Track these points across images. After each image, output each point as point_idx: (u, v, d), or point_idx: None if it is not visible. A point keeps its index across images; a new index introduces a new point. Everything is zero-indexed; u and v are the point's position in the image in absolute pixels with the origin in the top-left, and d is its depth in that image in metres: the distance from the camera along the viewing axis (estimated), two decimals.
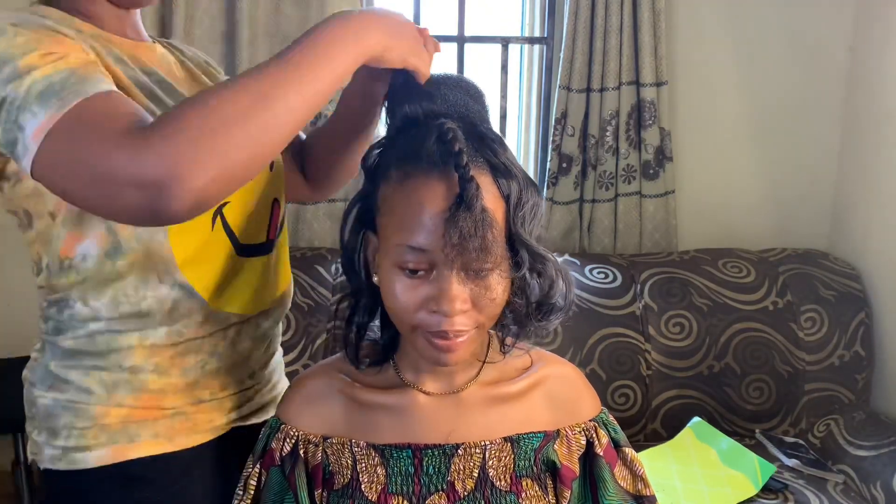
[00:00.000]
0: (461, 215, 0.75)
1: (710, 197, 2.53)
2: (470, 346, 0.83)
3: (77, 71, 0.77)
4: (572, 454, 0.90)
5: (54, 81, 0.75)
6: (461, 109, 0.86)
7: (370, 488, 0.87)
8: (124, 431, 0.94)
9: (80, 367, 0.94)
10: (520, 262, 0.81)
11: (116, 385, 0.93)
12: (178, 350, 0.95)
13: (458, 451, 0.86)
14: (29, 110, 0.75)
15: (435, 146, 0.80)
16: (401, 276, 0.80)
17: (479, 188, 0.76)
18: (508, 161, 0.82)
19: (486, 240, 0.75)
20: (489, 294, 0.80)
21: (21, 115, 0.75)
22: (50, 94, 0.75)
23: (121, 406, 0.94)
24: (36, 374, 0.99)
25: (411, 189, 0.80)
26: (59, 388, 0.95)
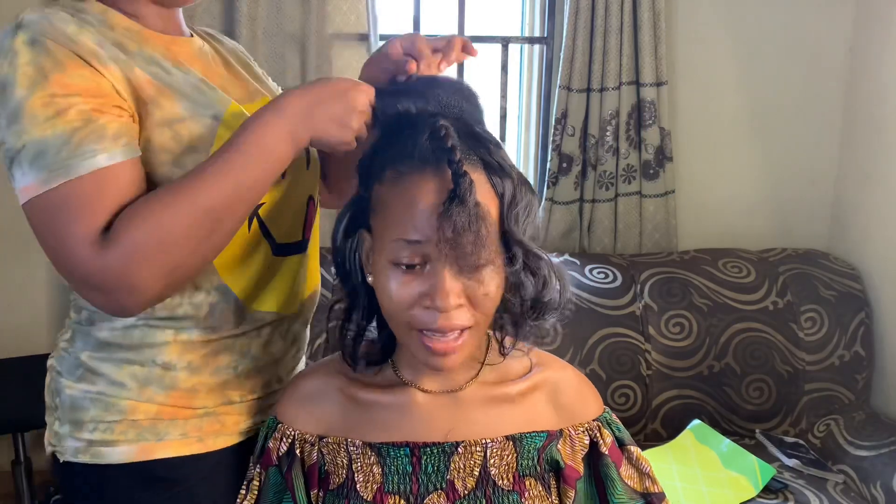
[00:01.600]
0: (455, 209, 0.75)
1: (710, 197, 2.53)
2: (465, 350, 0.83)
3: (73, 136, 0.80)
4: (576, 454, 0.90)
5: (48, 147, 0.79)
6: (455, 111, 0.86)
7: (366, 487, 0.86)
8: (153, 429, 0.93)
9: (113, 360, 0.93)
10: (513, 259, 0.81)
11: (148, 380, 0.93)
12: (212, 348, 0.95)
13: (458, 449, 0.86)
14: (20, 167, 0.81)
15: (428, 143, 0.80)
16: (395, 273, 0.80)
17: (472, 182, 0.77)
18: (502, 160, 0.83)
19: (479, 234, 0.76)
20: (483, 289, 0.80)
21: (14, 167, 0.82)
22: (41, 162, 0.80)
23: (151, 402, 0.93)
24: (64, 364, 0.97)
25: (405, 186, 0.80)
26: (89, 380, 0.94)
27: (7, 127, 0.81)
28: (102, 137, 0.81)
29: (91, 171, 0.80)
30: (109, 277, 0.80)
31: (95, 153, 0.80)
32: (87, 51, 0.84)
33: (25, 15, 0.84)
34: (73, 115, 0.80)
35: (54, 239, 0.82)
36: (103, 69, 0.84)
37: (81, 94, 0.81)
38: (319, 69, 2.21)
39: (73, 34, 0.84)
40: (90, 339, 0.95)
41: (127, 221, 0.80)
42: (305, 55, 2.22)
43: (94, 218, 0.80)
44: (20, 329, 2.39)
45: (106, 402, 0.93)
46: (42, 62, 0.81)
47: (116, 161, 0.82)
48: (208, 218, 0.82)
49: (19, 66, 0.81)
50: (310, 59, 2.20)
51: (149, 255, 0.80)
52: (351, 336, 0.89)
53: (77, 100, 0.81)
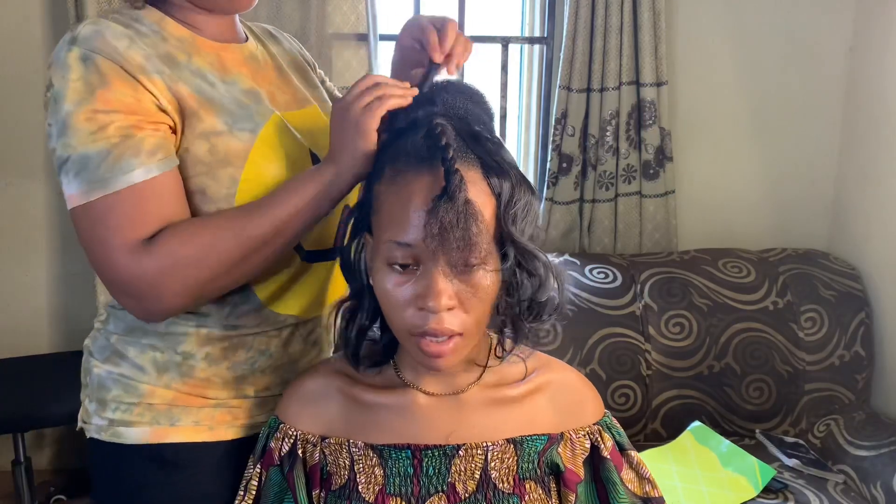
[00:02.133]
0: (443, 206, 0.75)
1: (710, 197, 2.53)
2: (462, 352, 0.83)
3: (112, 151, 0.85)
4: (576, 457, 0.90)
5: (90, 160, 0.85)
6: (460, 112, 0.86)
7: (368, 489, 0.86)
8: (167, 413, 0.97)
9: (139, 345, 0.98)
10: (508, 259, 0.81)
11: (167, 367, 0.97)
12: (231, 343, 0.98)
13: (459, 451, 0.86)
14: (66, 176, 0.87)
15: (423, 141, 0.80)
16: (390, 274, 0.80)
17: (463, 180, 0.76)
18: (502, 160, 0.82)
19: (468, 231, 0.75)
20: (475, 291, 0.79)
21: (62, 174, 0.88)
22: (83, 174, 0.86)
23: (168, 388, 0.97)
24: (96, 344, 1.02)
25: (400, 185, 0.80)
26: (114, 362, 0.99)
27: (57, 137, 0.87)
28: (139, 152, 0.86)
29: (128, 186, 0.86)
30: (142, 285, 0.87)
31: (133, 168, 0.86)
32: (135, 66, 0.88)
33: (83, 28, 0.88)
34: (112, 130, 0.85)
35: (96, 245, 0.87)
36: (148, 83, 0.88)
37: (122, 111, 0.86)
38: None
39: (123, 50, 0.88)
40: (121, 323, 0.99)
41: (170, 235, 0.87)
42: None
43: (132, 229, 0.86)
44: (20, 329, 2.39)
45: (127, 383, 0.98)
46: (90, 78, 0.86)
47: (153, 175, 0.87)
48: (247, 244, 0.88)
49: (70, 81, 0.86)
50: None
51: (183, 269, 0.86)
52: (353, 335, 0.89)
53: (118, 116, 0.86)
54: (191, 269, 0.86)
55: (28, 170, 2.31)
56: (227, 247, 0.87)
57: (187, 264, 0.86)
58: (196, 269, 0.87)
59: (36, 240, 2.37)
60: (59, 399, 2.06)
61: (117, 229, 0.86)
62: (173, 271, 0.86)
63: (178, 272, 0.86)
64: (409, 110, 0.87)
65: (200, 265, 0.87)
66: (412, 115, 0.86)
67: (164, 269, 0.85)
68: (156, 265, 0.85)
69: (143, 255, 0.85)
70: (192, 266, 0.86)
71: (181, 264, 0.86)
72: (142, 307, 0.89)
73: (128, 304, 0.90)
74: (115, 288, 0.89)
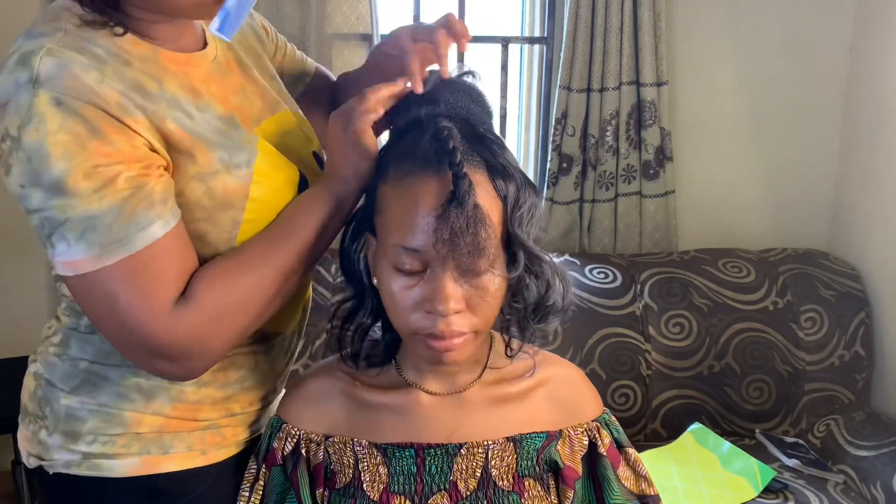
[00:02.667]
0: (453, 212, 0.75)
1: (710, 197, 2.53)
2: (468, 348, 0.83)
3: (125, 207, 0.76)
4: (575, 454, 0.90)
5: (98, 221, 0.75)
6: (462, 112, 0.86)
7: (372, 487, 0.87)
8: (157, 442, 0.90)
9: (119, 370, 0.89)
10: (516, 262, 0.81)
11: (153, 392, 0.90)
12: (221, 364, 0.91)
13: (461, 450, 0.86)
14: (63, 238, 0.76)
15: (429, 144, 0.80)
16: (397, 277, 0.80)
17: (471, 185, 0.76)
18: (507, 162, 0.82)
19: (478, 236, 0.75)
20: (483, 295, 0.79)
21: (54, 236, 0.77)
22: (91, 236, 0.76)
23: (157, 415, 0.90)
24: (56, 372, 0.92)
25: (406, 188, 0.80)
26: (88, 391, 0.90)
27: (47, 199, 0.75)
28: (153, 203, 0.78)
29: (151, 243, 0.78)
30: (185, 344, 0.80)
31: (151, 222, 0.78)
32: (115, 105, 0.77)
33: (40, 63, 0.75)
34: (121, 183, 0.76)
35: (117, 311, 0.79)
36: (133, 123, 0.78)
37: (124, 161, 0.77)
38: None
39: (95, 85, 0.76)
40: (90, 348, 0.91)
41: (208, 286, 0.81)
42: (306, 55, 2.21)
43: (163, 288, 0.79)
44: (20, 329, 2.39)
45: (107, 413, 0.89)
46: (75, 129, 0.75)
47: (171, 227, 0.80)
48: (281, 277, 0.86)
49: (50, 134, 0.74)
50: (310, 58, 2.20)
51: (230, 317, 0.82)
52: (354, 335, 0.89)
53: (121, 167, 0.76)
54: (238, 314, 0.83)
55: None
56: (268, 284, 0.84)
57: (235, 310, 0.82)
58: (242, 314, 0.83)
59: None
60: None
61: (146, 292, 0.78)
62: (221, 321, 0.81)
63: (225, 321, 0.82)
64: (411, 109, 0.86)
65: (247, 308, 0.83)
66: (415, 114, 0.85)
67: (213, 321, 0.81)
68: (204, 319, 0.80)
69: (184, 313, 0.79)
70: (238, 312, 0.83)
71: (228, 312, 0.82)
72: (184, 367, 0.83)
73: (163, 368, 0.83)
74: (149, 354, 0.81)
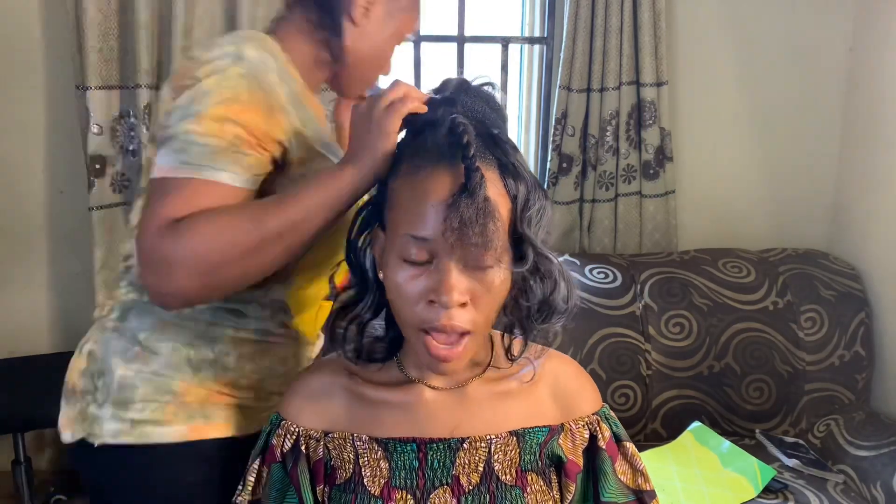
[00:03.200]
0: (463, 202, 0.76)
1: (710, 197, 2.53)
2: (466, 355, 0.84)
3: (216, 150, 0.91)
4: (577, 448, 0.91)
5: (194, 146, 0.91)
6: (478, 115, 0.87)
7: (373, 482, 0.87)
8: (202, 411, 0.99)
9: (172, 342, 0.99)
10: (524, 261, 0.82)
11: (201, 365, 1.00)
12: (261, 348, 1.03)
13: (464, 445, 0.87)
14: (166, 148, 0.92)
15: (444, 139, 0.81)
16: (404, 268, 0.81)
17: (483, 178, 0.77)
18: (518, 163, 0.83)
19: (486, 228, 0.76)
20: (488, 288, 0.80)
21: (162, 146, 0.93)
22: (182, 154, 0.91)
23: (201, 386, 1.00)
24: (113, 344, 1.01)
25: (419, 180, 0.81)
26: (143, 360, 0.99)
27: (179, 119, 0.92)
28: (238, 163, 0.92)
29: (209, 180, 0.90)
30: (156, 257, 0.88)
31: (226, 169, 0.91)
32: (278, 102, 0.96)
33: (247, 48, 0.97)
34: (228, 136, 0.91)
35: (146, 214, 0.90)
36: (283, 119, 0.96)
37: (246, 129, 0.93)
38: None
39: (274, 84, 0.97)
40: (149, 319, 1.00)
41: (193, 219, 0.88)
42: None
43: (178, 209, 0.88)
44: (20, 329, 2.39)
45: (158, 382, 0.98)
46: (239, 94, 0.93)
47: (236, 185, 0.92)
48: (261, 237, 0.89)
49: (223, 88, 0.93)
50: None
51: (194, 248, 0.87)
52: (354, 331, 0.90)
53: (239, 129, 0.92)
54: (201, 247, 0.87)
55: (28, 170, 2.31)
56: (241, 232, 0.88)
57: (200, 242, 0.87)
58: (207, 250, 0.87)
59: (36, 240, 2.37)
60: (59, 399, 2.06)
61: (168, 205, 0.88)
62: (184, 251, 0.86)
63: (190, 253, 0.86)
64: (430, 110, 0.88)
65: (212, 247, 0.87)
66: (431, 115, 0.87)
67: (179, 248, 0.86)
68: (171, 240, 0.87)
69: (167, 230, 0.87)
70: (203, 245, 0.87)
71: (195, 246, 0.87)
72: (155, 283, 0.89)
73: (147, 279, 0.90)
74: (140, 257, 0.90)
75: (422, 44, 2.37)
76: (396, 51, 1.15)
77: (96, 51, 2.12)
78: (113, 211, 2.24)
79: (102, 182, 2.21)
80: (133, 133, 2.22)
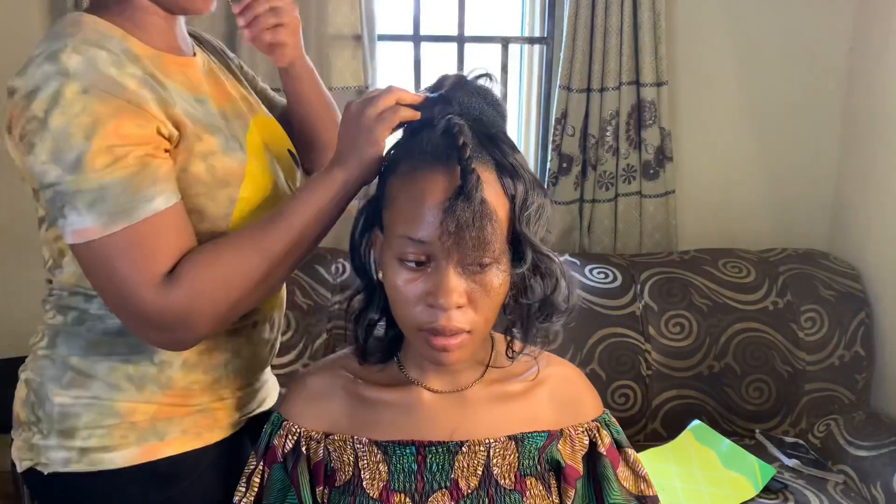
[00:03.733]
0: (460, 205, 0.76)
1: (710, 197, 2.53)
2: (470, 348, 0.83)
3: (131, 181, 0.83)
4: (576, 454, 0.90)
5: (106, 192, 0.82)
6: (475, 113, 0.87)
7: (372, 485, 0.87)
8: (153, 429, 0.94)
9: (108, 360, 0.93)
10: (523, 261, 0.81)
11: (144, 380, 0.93)
12: (207, 346, 0.96)
13: (462, 448, 0.87)
14: (75, 209, 0.83)
15: (440, 139, 0.81)
16: (402, 269, 0.81)
17: (479, 180, 0.77)
18: (516, 162, 0.83)
19: (483, 231, 0.76)
20: (486, 290, 0.80)
21: (67, 207, 0.83)
22: (100, 206, 0.82)
23: (150, 402, 0.94)
24: (47, 372, 0.95)
25: (415, 181, 0.80)
26: (80, 385, 0.93)
27: (65, 173, 0.82)
28: (157, 180, 0.85)
29: (152, 215, 0.84)
30: (171, 317, 0.85)
31: (154, 196, 0.85)
32: (133, 95, 0.86)
33: (68, 59, 0.84)
34: (130, 160, 0.84)
35: (115, 280, 0.84)
36: (149, 110, 0.87)
37: (136, 143, 0.84)
38: (319, 69, 2.20)
39: (117, 76, 0.86)
40: (78, 341, 0.94)
41: (192, 264, 0.85)
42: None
43: (156, 261, 0.84)
44: (20, 329, 2.38)
45: (101, 405, 0.93)
46: (96, 113, 0.83)
47: (171, 203, 0.86)
48: (267, 261, 0.88)
49: (73, 117, 0.82)
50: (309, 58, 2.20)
51: (211, 294, 0.86)
52: (362, 330, 0.90)
53: (133, 148, 0.84)
54: (219, 292, 0.86)
55: None
56: (251, 265, 0.87)
57: (215, 288, 0.86)
58: (224, 292, 0.86)
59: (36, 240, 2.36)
60: None
61: (141, 263, 0.84)
62: (202, 298, 0.85)
63: (206, 298, 0.85)
64: (425, 108, 0.87)
65: (228, 287, 0.86)
66: (428, 114, 0.86)
67: (194, 297, 0.84)
68: (184, 295, 0.84)
69: (169, 287, 0.84)
70: (220, 290, 0.86)
71: (209, 289, 0.85)
72: (173, 338, 0.88)
73: (155, 338, 0.88)
74: (141, 323, 0.86)
75: (422, 44, 2.37)
76: None
77: None
78: None
79: None
80: None
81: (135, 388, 0.93)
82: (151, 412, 0.94)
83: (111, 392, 0.93)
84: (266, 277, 0.89)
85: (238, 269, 0.87)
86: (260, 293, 0.91)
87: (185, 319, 0.85)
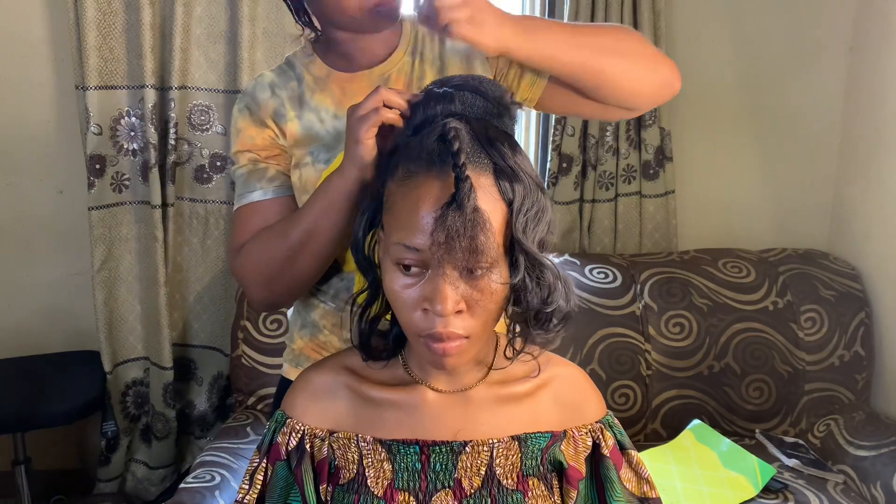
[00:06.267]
0: (451, 214, 0.74)
1: (710, 197, 2.53)
2: (469, 352, 0.83)
3: (245, 177, 1.15)
4: (579, 455, 0.90)
5: (237, 179, 1.17)
6: (479, 111, 0.85)
7: (376, 483, 0.87)
8: (297, 359, 1.22)
9: (296, 308, 1.25)
10: (517, 266, 0.80)
11: (304, 327, 1.22)
12: (339, 320, 1.18)
13: (466, 448, 0.87)
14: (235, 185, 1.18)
15: (435, 145, 0.80)
16: (399, 274, 0.80)
17: (472, 188, 0.75)
18: (516, 164, 0.81)
19: (475, 240, 0.75)
20: (483, 296, 0.79)
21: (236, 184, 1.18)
22: (236, 189, 1.18)
23: (302, 339, 1.22)
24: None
25: (411, 187, 0.80)
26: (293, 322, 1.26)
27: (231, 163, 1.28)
28: (261, 179, 1.14)
29: (248, 203, 1.14)
30: (238, 279, 1.18)
31: (254, 190, 1.14)
32: (267, 113, 1.13)
33: (250, 83, 1.18)
34: (245, 160, 1.15)
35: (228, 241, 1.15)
36: (273, 126, 1.13)
37: (252, 149, 1.15)
38: None
39: (264, 101, 1.14)
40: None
41: (249, 242, 1.11)
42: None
43: (240, 236, 1.14)
44: (20, 329, 2.39)
45: (291, 333, 1.25)
46: (239, 124, 1.15)
47: (267, 198, 1.13)
48: (290, 249, 1.06)
49: (232, 126, 1.18)
50: None
51: (252, 269, 1.11)
52: (365, 326, 0.89)
53: (249, 153, 1.15)
54: (254, 266, 1.10)
55: (28, 170, 2.31)
56: (274, 248, 1.07)
57: (253, 266, 1.10)
58: (257, 271, 1.10)
59: (36, 240, 2.37)
60: (59, 399, 2.05)
61: (234, 234, 1.15)
62: (245, 270, 1.12)
63: (248, 270, 1.11)
64: (428, 107, 0.86)
65: (260, 265, 1.09)
66: (430, 113, 0.85)
67: (242, 268, 1.12)
68: (238, 265, 1.13)
69: (235, 256, 1.13)
70: (254, 265, 1.10)
71: (250, 265, 1.11)
72: (248, 295, 1.16)
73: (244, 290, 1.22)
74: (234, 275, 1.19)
75: None
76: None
77: (96, 51, 2.12)
78: (112, 211, 2.24)
79: (102, 182, 2.22)
80: (133, 133, 2.22)
81: (299, 328, 1.22)
82: (299, 347, 1.22)
83: (294, 327, 1.24)
84: (290, 262, 1.06)
85: (264, 254, 1.08)
86: (291, 275, 1.08)
87: (242, 283, 1.15)
